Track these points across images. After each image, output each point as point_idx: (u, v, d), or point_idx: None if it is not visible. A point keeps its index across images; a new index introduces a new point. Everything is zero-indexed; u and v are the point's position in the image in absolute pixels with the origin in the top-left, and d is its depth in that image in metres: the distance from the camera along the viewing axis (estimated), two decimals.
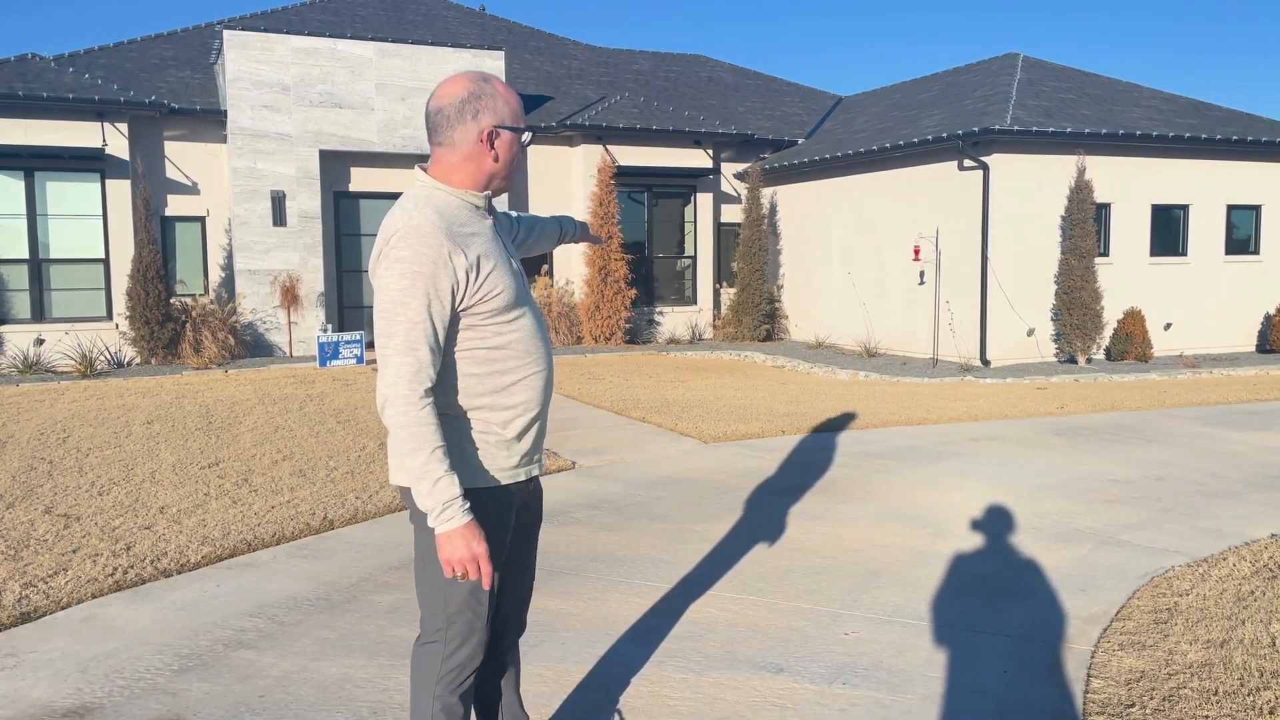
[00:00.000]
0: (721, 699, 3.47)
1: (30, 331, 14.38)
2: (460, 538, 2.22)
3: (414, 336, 2.22)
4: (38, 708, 3.39)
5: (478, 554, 2.23)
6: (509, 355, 2.37)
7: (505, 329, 2.36)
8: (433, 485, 2.21)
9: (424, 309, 2.22)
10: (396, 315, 2.22)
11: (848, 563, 5.00)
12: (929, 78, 19.58)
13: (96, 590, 4.54)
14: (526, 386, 2.42)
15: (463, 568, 2.24)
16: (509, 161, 2.39)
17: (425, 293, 2.22)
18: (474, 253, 2.29)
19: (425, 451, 2.20)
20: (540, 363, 2.45)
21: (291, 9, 20.11)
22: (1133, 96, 16.43)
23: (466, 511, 2.23)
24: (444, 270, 2.23)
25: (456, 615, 2.40)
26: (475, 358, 2.34)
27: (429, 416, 2.22)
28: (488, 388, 2.37)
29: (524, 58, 20.53)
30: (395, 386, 2.22)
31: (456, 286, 2.26)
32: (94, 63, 16.27)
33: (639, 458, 7.61)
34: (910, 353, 15.47)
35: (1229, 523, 5.75)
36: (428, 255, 2.22)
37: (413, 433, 2.21)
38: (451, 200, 2.35)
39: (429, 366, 2.23)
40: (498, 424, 2.39)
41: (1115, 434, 8.61)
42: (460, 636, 2.40)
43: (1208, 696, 3.43)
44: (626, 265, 17.06)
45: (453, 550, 2.23)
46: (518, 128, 2.39)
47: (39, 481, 6.80)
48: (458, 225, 2.30)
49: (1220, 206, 15.47)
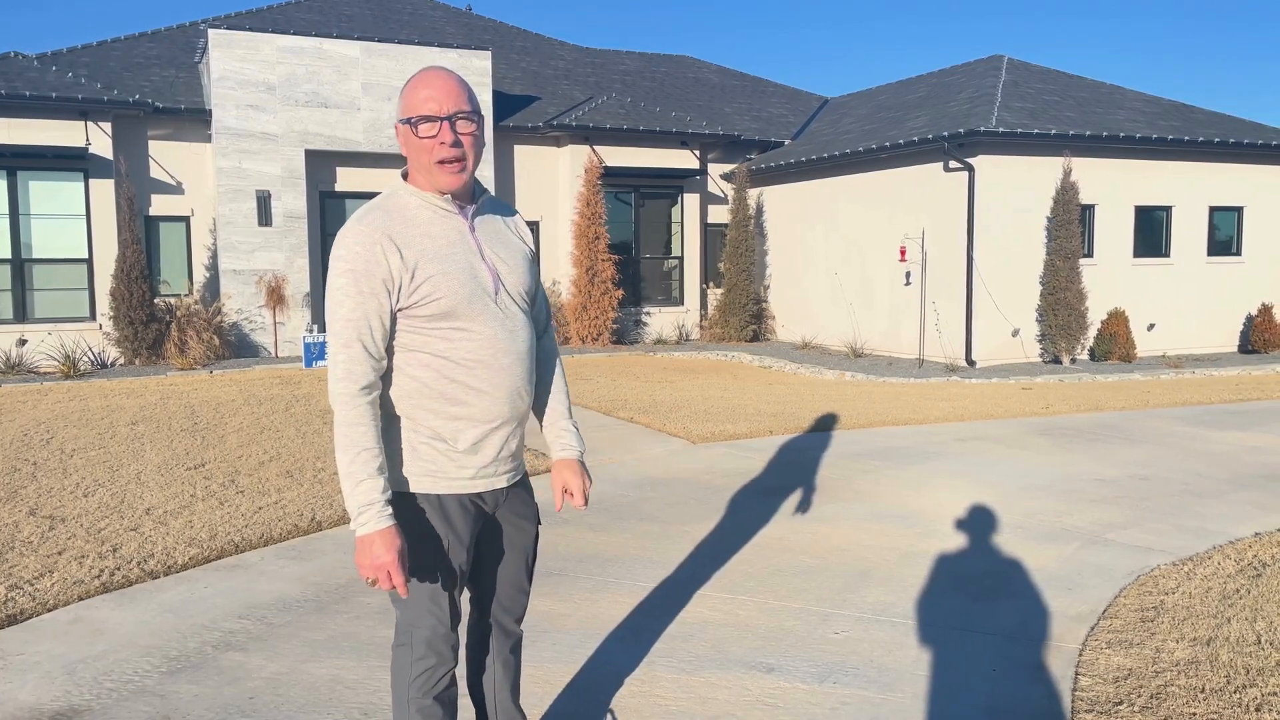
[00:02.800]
0: (713, 698, 3.47)
1: (13, 332, 14.26)
2: (370, 544, 2.17)
3: (347, 334, 2.20)
4: (25, 710, 3.36)
5: (386, 563, 2.17)
6: (459, 366, 2.29)
7: (454, 336, 2.28)
8: (354, 487, 2.17)
9: (359, 306, 2.20)
10: (334, 313, 2.22)
11: (837, 562, 5.02)
12: (915, 79, 19.66)
13: (83, 592, 4.51)
14: (480, 399, 2.32)
15: (372, 574, 2.18)
16: (428, 152, 2.25)
17: (360, 290, 2.19)
18: (413, 254, 2.23)
19: (352, 451, 2.18)
20: (495, 377, 2.32)
21: (277, 8, 20.02)
22: (1117, 98, 16.54)
23: (385, 518, 2.18)
24: (378, 268, 2.20)
25: (418, 620, 2.37)
26: (420, 362, 2.29)
27: (363, 416, 2.18)
28: (434, 395, 2.30)
29: (511, 58, 20.51)
30: (334, 384, 2.21)
31: (390, 284, 2.21)
32: (77, 61, 16.16)
33: (627, 458, 7.62)
34: (896, 353, 15.53)
35: (1213, 521, 5.79)
36: (362, 253, 2.19)
37: (343, 431, 2.19)
38: (413, 201, 2.31)
39: (363, 363, 2.20)
40: (446, 434, 2.32)
41: (1100, 434, 8.67)
42: (424, 642, 2.37)
43: (1195, 694, 3.46)
44: (614, 266, 17.06)
45: (362, 556, 2.18)
46: (409, 118, 2.25)
47: (23, 483, 6.75)
48: (409, 225, 2.26)
49: (1203, 208, 15.60)
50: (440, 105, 2.24)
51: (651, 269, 18.49)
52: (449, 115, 2.24)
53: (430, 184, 2.30)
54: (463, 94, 2.27)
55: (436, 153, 2.25)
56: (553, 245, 17.87)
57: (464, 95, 2.27)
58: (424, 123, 2.24)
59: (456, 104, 2.25)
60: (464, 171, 2.29)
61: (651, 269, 18.49)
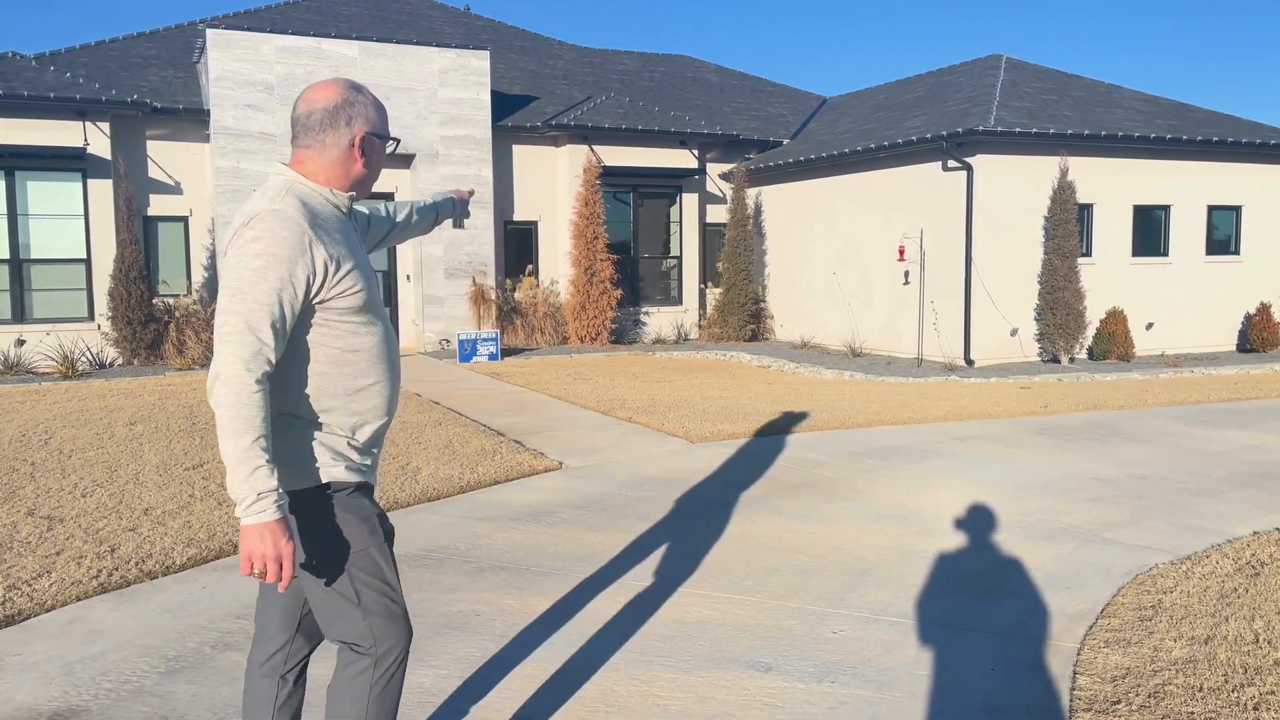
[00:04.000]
0: (711, 698, 3.47)
1: (11, 332, 14.25)
2: (270, 532, 2.12)
3: (259, 318, 2.14)
4: (23, 710, 3.36)
5: (283, 552, 2.13)
6: (362, 359, 2.33)
7: (360, 330, 2.32)
8: (250, 473, 2.10)
9: (274, 292, 2.15)
10: (243, 293, 2.15)
11: (835, 561, 5.02)
12: (913, 79, 19.66)
13: (81, 592, 4.50)
14: (377, 393, 2.37)
15: (263, 564, 2.12)
16: (376, 166, 2.42)
17: (279, 277, 2.16)
18: (335, 246, 2.26)
19: (249, 437, 2.10)
20: (390, 372, 2.40)
21: (275, 8, 20.01)
22: (1115, 98, 16.55)
23: (283, 508, 2.15)
24: (302, 259, 2.19)
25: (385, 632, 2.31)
26: (329, 357, 2.29)
27: (259, 401, 2.12)
28: (340, 389, 2.31)
29: (509, 57, 20.50)
30: (230, 365, 2.12)
31: (313, 277, 2.21)
32: (75, 61, 16.15)
33: (626, 457, 7.62)
34: (895, 352, 15.53)
35: (1211, 520, 5.80)
36: (288, 240, 2.17)
37: (239, 414, 2.10)
38: (315, 195, 2.33)
39: (269, 350, 2.15)
40: (348, 429, 2.33)
41: (1098, 433, 8.67)
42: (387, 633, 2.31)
43: (1193, 693, 3.46)
44: (612, 265, 17.05)
45: (260, 545, 2.11)
46: (385, 135, 2.43)
47: (21, 483, 6.74)
48: (319, 220, 2.27)
49: (1201, 207, 15.61)
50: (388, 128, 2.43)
51: (650, 269, 18.49)
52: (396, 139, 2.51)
53: (344, 187, 2.39)
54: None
55: (376, 169, 2.43)
56: (551, 245, 17.87)
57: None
58: (390, 142, 2.45)
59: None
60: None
61: (650, 269, 18.49)
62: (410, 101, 16.01)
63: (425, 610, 4.31)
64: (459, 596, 4.49)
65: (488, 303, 16.54)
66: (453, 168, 16.38)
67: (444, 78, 16.23)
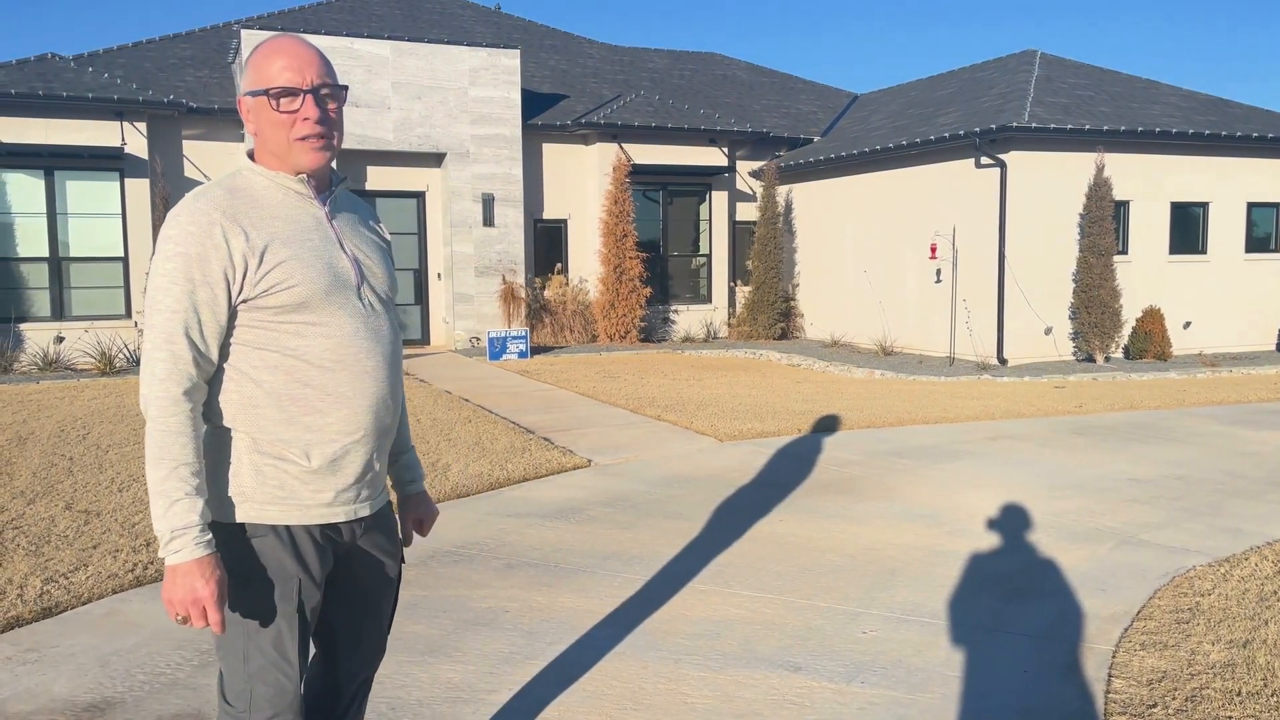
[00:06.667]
0: (739, 696, 3.46)
1: (50, 329, 14.49)
2: (184, 576, 1.86)
3: (171, 328, 1.90)
4: (59, 702, 3.41)
5: (202, 598, 1.87)
6: (315, 367, 1.99)
7: (306, 331, 1.99)
8: (167, 507, 1.87)
9: (186, 296, 1.91)
10: (156, 302, 1.92)
11: (865, 561, 4.99)
12: (946, 75, 19.48)
13: (117, 586, 4.56)
14: (339, 406, 2.01)
15: (184, 610, 1.88)
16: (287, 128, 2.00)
17: (189, 277, 1.91)
18: (261, 236, 1.95)
19: (166, 466, 1.88)
20: (355, 380, 2.03)
21: (308, 8, 20.19)
22: (1152, 93, 16.30)
23: (203, 545, 1.88)
24: (215, 253, 1.91)
25: (260, 676, 2.00)
26: (267, 363, 1.98)
27: (181, 425, 1.89)
28: (283, 401, 1.98)
29: (539, 56, 20.55)
30: (147, 385, 1.91)
31: (231, 272, 1.93)
32: (113, 62, 16.38)
33: (655, 456, 7.61)
34: (926, 351, 15.40)
35: (1250, 522, 5.70)
36: (195, 234, 1.91)
37: (156, 440, 1.89)
38: (260, 181, 2.04)
39: (187, 363, 1.91)
40: (297, 450, 1.99)
41: (1134, 433, 8.55)
42: (268, 702, 2.00)
43: (1231, 697, 3.40)
44: (641, 264, 17.05)
45: (172, 589, 1.88)
46: (264, 89, 1.99)
47: (59, 478, 6.85)
48: (255, 206, 1.99)
49: (1240, 204, 15.34)
50: (302, 76, 2.00)
51: (679, 267, 18.46)
52: (313, 87, 2.01)
53: (285, 164, 2.04)
54: (324, 64, 2.04)
55: (299, 129, 2.00)
56: (580, 243, 17.89)
57: (326, 66, 2.04)
58: (285, 95, 1.99)
59: (319, 75, 2.02)
60: (327, 149, 2.05)
61: (679, 267, 18.46)
62: (441, 100, 16.09)
63: (454, 606, 4.33)
64: (488, 593, 4.51)
65: (517, 301, 16.60)
66: (483, 166, 16.45)
67: (475, 77, 16.30)
